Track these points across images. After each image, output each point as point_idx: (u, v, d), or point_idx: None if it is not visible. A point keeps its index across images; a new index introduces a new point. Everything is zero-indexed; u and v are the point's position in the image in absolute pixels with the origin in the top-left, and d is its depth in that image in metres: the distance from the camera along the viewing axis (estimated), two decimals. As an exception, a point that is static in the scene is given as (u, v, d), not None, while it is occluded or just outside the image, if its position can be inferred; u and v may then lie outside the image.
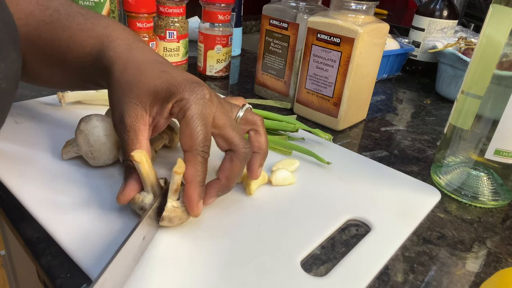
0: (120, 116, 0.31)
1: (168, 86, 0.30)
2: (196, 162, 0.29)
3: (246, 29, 1.20)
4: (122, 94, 0.31)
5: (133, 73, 0.31)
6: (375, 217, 0.35)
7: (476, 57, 0.38)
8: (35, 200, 0.32)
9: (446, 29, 0.78)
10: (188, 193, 0.29)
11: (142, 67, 0.32)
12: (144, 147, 0.30)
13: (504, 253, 0.34)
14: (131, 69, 0.32)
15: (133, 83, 0.31)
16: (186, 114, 0.29)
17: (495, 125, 0.37)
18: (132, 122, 0.30)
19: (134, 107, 0.30)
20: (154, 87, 0.30)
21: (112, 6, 0.57)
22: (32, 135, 0.42)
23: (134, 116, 0.30)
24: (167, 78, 0.31)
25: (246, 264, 0.28)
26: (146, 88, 0.30)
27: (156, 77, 0.31)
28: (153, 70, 0.32)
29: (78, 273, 0.27)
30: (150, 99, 0.30)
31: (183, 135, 0.29)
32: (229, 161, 0.31)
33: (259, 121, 0.35)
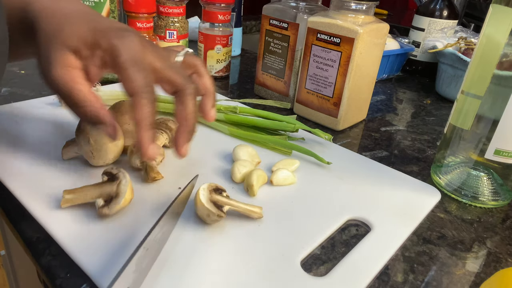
0: (47, 66, 0.29)
1: (96, 32, 0.29)
2: (142, 105, 0.29)
3: (246, 29, 1.20)
4: (47, 45, 0.29)
5: (59, 22, 0.30)
6: (375, 217, 0.35)
7: (476, 57, 0.38)
8: (35, 200, 0.32)
9: (446, 29, 0.78)
10: (140, 137, 0.29)
11: (69, 16, 0.30)
12: (87, 89, 0.30)
13: (504, 253, 0.34)
14: (57, 18, 0.30)
15: (59, 30, 0.29)
16: (118, 61, 0.29)
17: (495, 125, 0.37)
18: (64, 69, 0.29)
19: (60, 52, 0.29)
20: (79, 33, 0.29)
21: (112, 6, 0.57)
22: (32, 135, 0.42)
23: (63, 62, 0.29)
24: (93, 25, 0.30)
25: (246, 264, 0.28)
26: (72, 33, 0.29)
27: (82, 24, 0.30)
28: (81, 18, 0.30)
29: (78, 273, 0.27)
30: (76, 43, 0.29)
31: (122, 81, 0.29)
32: (180, 103, 0.31)
33: (199, 62, 0.35)
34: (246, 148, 0.41)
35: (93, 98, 0.30)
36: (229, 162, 0.41)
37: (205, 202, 0.31)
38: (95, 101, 0.30)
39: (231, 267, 0.28)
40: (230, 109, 0.50)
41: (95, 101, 0.30)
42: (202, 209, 0.31)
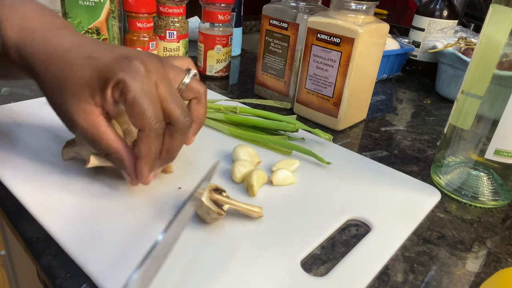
0: (70, 119, 0.29)
1: (98, 73, 0.29)
2: (150, 140, 0.30)
3: (246, 29, 1.20)
4: (57, 96, 0.29)
5: (57, 70, 0.29)
6: (375, 217, 0.35)
7: (476, 57, 0.38)
8: (35, 200, 0.32)
9: (446, 29, 0.78)
10: (140, 168, 0.30)
11: (65, 59, 0.29)
12: (112, 135, 0.30)
13: (504, 253, 0.34)
14: (54, 65, 0.29)
15: (62, 80, 0.29)
16: (127, 97, 0.28)
17: (495, 125, 0.37)
18: (85, 120, 0.29)
19: (77, 104, 0.29)
20: (85, 79, 0.29)
21: (112, 6, 0.57)
22: (32, 135, 0.42)
23: (83, 113, 0.29)
24: (94, 64, 0.29)
25: (246, 264, 0.28)
26: (77, 83, 0.29)
27: (82, 66, 0.29)
28: (77, 59, 0.29)
29: (78, 273, 0.27)
30: (88, 92, 0.29)
31: (131, 117, 0.29)
32: (169, 136, 0.31)
33: (203, 91, 0.35)
34: (246, 148, 0.41)
35: (118, 144, 0.30)
36: (229, 162, 0.41)
37: (205, 200, 0.31)
38: (119, 148, 0.30)
39: (231, 267, 0.28)
40: (230, 109, 0.50)
41: (119, 148, 0.30)
42: (202, 207, 0.31)
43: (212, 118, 0.49)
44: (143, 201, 0.34)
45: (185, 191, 0.36)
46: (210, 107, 0.50)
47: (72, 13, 0.55)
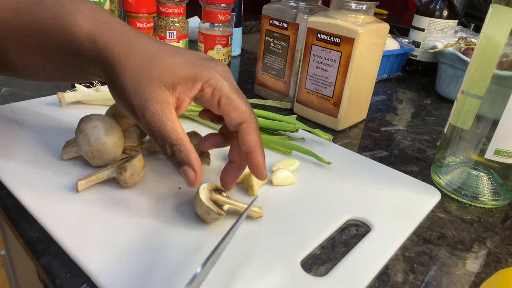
0: (143, 101, 0.29)
1: (191, 64, 0.29)
2: (254, 129, 0.30)
3: (246, 29, 1.20)
4: (138, 78, 0.29)
5: (145, 54, 0.29)
6: (375, 217, 0.35)
7: (476, 57, 0.38)
8: (35, 200, 0.32)
9: (446, 29, 0.78)
10: (257, 160, 0.31)
11: (152, 47, 0.30)
12: (181, 129, 0.29)
13: (504, 253, 0.34)
14: (140, 50, 0.29)
15: (150, 63, 0.29)
16: (224, 93, 0.29)
17: (495, 125, 0.37)
18: (161, 105, 0.29)
19: (158, 88, 0.29)
20: (175, 65, 0.29)
21: (112, 6, 0.57)
22: (32, 135, 0.42)
23: (160, 98, 0.29)
24: (186, 57, 0.30)
25: (246, 264, 0.28)
26: (167, 67, 0.29)
27: (174, 56, 0.30)
28: (167, 50, 0.30)
29: (78, 273, 0.27)
30: (173, 79, 0.29)
31: (231, 111, 0.30)
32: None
33: None
34: (246, 148, 0.41)
35: (185, 138, 0.30)
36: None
37: (205, 200, 0.31)
38: (187, 142, 0.30)
39: (231, 267, 0.28)
40: (230, 109, 0.49)
41: (187, 142, 0.30)
42: (202, 207, 0.31)
43: (212, 118, 0.49)
44: (144, 201, 0.34)
45: (185, 191, 0.36)
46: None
47: (72, 13, 0.55)
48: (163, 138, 0.29)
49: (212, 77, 0.29)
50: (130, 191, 0.35)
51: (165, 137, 0.29)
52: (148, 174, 0.37)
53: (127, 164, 0.34)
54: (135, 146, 0.39)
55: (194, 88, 0.29)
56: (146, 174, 0.37)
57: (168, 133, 0.29)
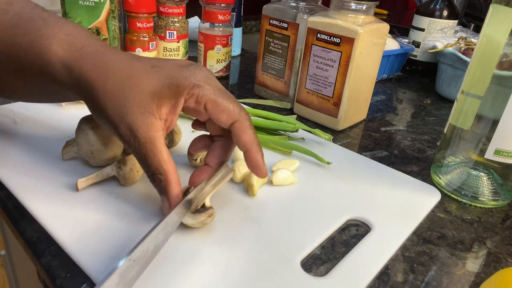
0: (129, 131, 0.28)
1: (169, 80, 0.28)
2: (248, 127, 0.30)
3: (246, 29, 1.20)
4: (119, 106, 0.28)
5: (121, 79, 0.28)
6: (375, 217, 0.35)
7: (476, 57, 0.38)
8: (35, 200, 0.32)
9: (446, 29, 0.78)
10: (255, 158, 0.30)
11: (127, 69, 0.29)
12: (166, 156, 0.29)
13: (504, 253, 0.34)
14: (116, 75, 0.28)
15: (127, 89, 0.28)
16: (209, 98, 0.29)
17: (495, 125, 0.37)
18: (146, 133, 0.28)
19: (141, 116, 0.28)
20: (154, 88, 0.28)
21: (112, 6, 0.57)
22: (32, 135, 0.42)
23: (145, 126, 0.28)
24: (161, 72, 0.29)
25: (246, 264, 0.28)
26: (145, 91, 0.28)
27: (150, 76, 0.29)
28: (142, 69, 0.29)
29: (78, 273, 0.27)
30: (155, 102, 0.28)
31: (220, 114, 0.29)
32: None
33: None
34: (246, 148, 0.41)
35: (169, 168, 0.29)
36: (229, 162, 0.41)
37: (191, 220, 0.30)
38: (169, 173, 0.29)
39: (231, 267, 0.28)
40: (230, 109, 0.49)
41: (169, 173, 0.29)
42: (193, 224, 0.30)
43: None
44: (143, 201, 0.34)
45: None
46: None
47: (72, 13, 0.55)
48: (146, 165, 0.29)
49: (193, 86, 0.29)
50: (130, 190, 0.35)
51: (147, 165, 0.29)
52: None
53: (126, 158, 0.34)
54: None
55: (178, 104, 0.29)
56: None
57: (150, 162, 0.29)
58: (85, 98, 0.30)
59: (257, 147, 0.31)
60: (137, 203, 0.33)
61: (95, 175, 0.34)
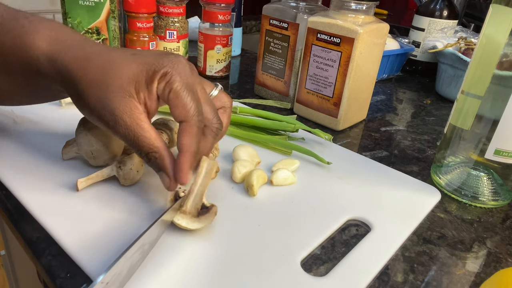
0: (113, 116, 0.28)
1: (147, 66, 0.29)
2: (192, 133, 0.30)
3: (246, 29, 1.20)
4: (101, 93, 0.28)
5: (101, 67, 0.29)
6: (375, 217, 0.35)
7: (476, 57, 0.38)
8: (35, 200, 0.32)
9: (446, 29, 0.78)
10: (181, 162, 0.30)
11: (109, 57, 0.30)
12: (154, 134, 0.29)
13: (504, 253, 0.34)
14: (96, 63, 0.29)
15: (107, 76, 0.29)
16: (173, 87, 0.29)
17: (495, 125, 0.37)
18: (130, 116, 0.29)
19: (123, 100, 0.28)
20: (132, 72, 0.29)
21: (112, 6, 0.57)
22: (32, 135, 0.42)
23: (128, 109, 0.28)
24: (140, 59, 0.29)
25: (246, 264, 0.28)
26: (125, 76, 0.29)
27: (130, 62, 0.29)
28: (122, 57, 0.30)
29: (78, 273, 0.27)
30: (133, 86, 0.29)
31: (175, 107, 0.29)
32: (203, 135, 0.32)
33: (230, 102, 0.36)
34: (246, 148, 0.41)
35: (160, 145, 0.30)
36: (229, 162, 0.41)
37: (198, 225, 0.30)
38: (161, 149, 0.30)
39: (231, 267, 0.28)
40: (230, 109, 0.50)
41: (161, 149, 0.30)
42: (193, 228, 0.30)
43: (212, 118, 0.49)
44: (143, 201, 0.34)
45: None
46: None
47: (72, 13, 0.55)
48: (138, 147, 0.29)
49: (166, 73, 0.29)
50: (130, 190, 0.35)
51: (139, 146, 0.29)
52: (148, 173, 0.37)
53: (126, 158, 0.34)
54: None
55: (152, 89, 0.29)
56: (146, 173, 0.37)
57: (141, 142, 0.29)
58: (69, 90, 0.30)
59: (190, 155, 0.30)
60: (137, 203, 0.33)
61: (95, 175, 0.34)
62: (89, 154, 0.36)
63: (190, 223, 0.30)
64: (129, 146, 0.30)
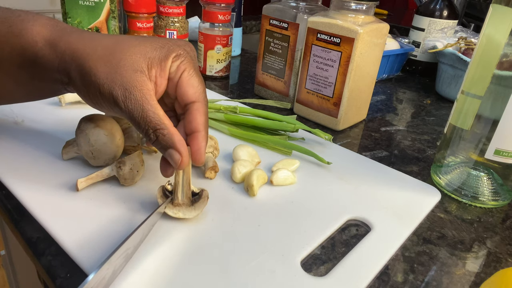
0: (124, 90, 0.28)
1: (160, 45, 0.30)
2: (204, 112, 0.31)
3: (246, 29, 1.20)
4: (111, 68, 0.28)
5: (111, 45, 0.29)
6: (375, 217, 0.35)
7: (476, 57, 0.38)
8: (35, 200, 0.32)
9: (446, 29, 0.78)
10: (199, 141, 0.30)
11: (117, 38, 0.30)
12: (162, 112, 0.29)
13: (504, 253, 0.34)
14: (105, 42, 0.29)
15: (118, 52, 0.28)
16: (187, 67, 0.30)
17: (495, 125, 0.37)
18: (141, 91, 0.28)
19: (135, 74, 0.28)
20: (145, 49, 0.29)
21: (112, 6, 0.57)
22: (32, 135, 0.42)
23: (139, 83, 0.28)
24: (153, 40, 0.30)
25: (246, 264, 0.28)
26: (137, 52, 0.29)
27: (141, 41, 0.30)
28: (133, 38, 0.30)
29: (78, 273, 0.27)
30: (146, 62, 0.29)
31: (189, 87, 0.30)
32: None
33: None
34: (246, 148, 0.41)
35: (168, 122, 0.29)
36: (229, 162, 0.41)
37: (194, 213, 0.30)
38: (170, 126, 0.29)
39: (231, 267, 0.28)
40: (230, 109, 0.50)
41: (170, 126, 0.29)
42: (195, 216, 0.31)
43: (212, 118, 0.49)
44: (144, 200, 0.34)
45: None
46: (210, 107, 0.50)
47: (72, 13, 0.55)
48: (146, 123, 0.29)
49: (180, 53, 0.30)
50: (130, 190, 0.35)
51: (147, 122, 0.29)
52: (148, 173, 0.37)
53: (126, 158, 0.34)
54: (135, 146, 0.39)
55: (166, 66, 0.30)
56: (146, 174, 0.37)
57: (150, 118, 0.29)
58: (71, 71, 0.29)
59: (205, 133, 0.31)
60: (137, 203, 0.33)
61: (95, 175, 0.34)
62: (89, 154, 0.36)
63: (188, 213, 0.31)
64: (134, 123, 0.29)
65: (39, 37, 0.29)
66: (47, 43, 0.29)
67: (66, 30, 0.30)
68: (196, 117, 0.30)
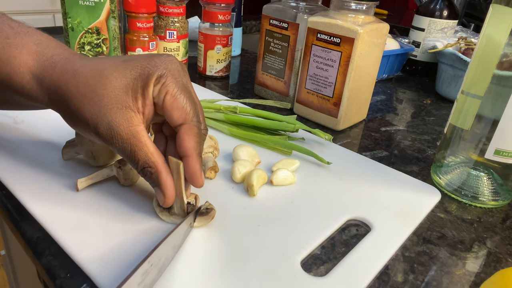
0: (109, 129, 0.28)
1: (140, 69, 0.28)
2: (194, 134, 0.29)
3: (246, 29, 1.20)
4: (95, 106, 0.27)
5: (92, 79, 0.28)
6: (375, 217, 0.35)
7: (476, 57, 0.38)
8: (35, 200, 0.32)
9: (446, 29, 0.78)
10: (192, 165, 0.29)
11: (98, 68, 0.28)
12: (152, 148, 0.29)
13: (504, 253, 0.34)
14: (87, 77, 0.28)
15: (100, 88, 0.27)
16: (169, 90, 0.28)
17: (495, 125, 0.37)
18: (127, 128, 0.28)
19: (120, 112, 0.27)
20: (126, 81, 0.28)
21: (112, 6, 0.57)
22: (32, 135, 0.42)
23: (125, 121, 0.28)
24: (132, 64, 0.28)
25: (246, 264, 0.28)
26: (119, 86, 0.28)
27: (121, 69, 0.28)
28: (113, 66, 0.28)
29: (78, 273, 0.27)
30: (130, 95, 0.28)
31: (173, 110, 0.28)
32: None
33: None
34: (246, 148, 0.41)
35: (157, 159, 0.29)
36: (229, 162, 0.41)
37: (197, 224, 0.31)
38: (158, 164, 0.29)
39: (231, 267, 0.28)
40: (230, 109, 0.50)
41: (158, 164, 0.29)
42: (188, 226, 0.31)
43: (212, 118, 0.49)
44: (144, 201, 0.34)
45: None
46: (210, 107, 0.50)
47: (72, 13, 0.55)
48: (134, 161, 0.29)
49: (161, 74, 0.28)
50: (130, 190, 0.35)
51: (135, 160, 0.29)
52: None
53: None
54: None
55: (148, 94, 0.28)
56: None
57: (138, 157, 0.28)
58: (59, 107, 0.29)
59: (197, 156, 0.30)
60: (137, 203, 0.33)
61: (95, 175, 0.34)
62: (89, 154, 0.36)
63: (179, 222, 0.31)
64: (125, 159, 0.29)
65: (25, 68, 0.29)
66: (34, 77, 0.29)
67: (51, 61, 0.29)
68: (184, 141, 0.29)
